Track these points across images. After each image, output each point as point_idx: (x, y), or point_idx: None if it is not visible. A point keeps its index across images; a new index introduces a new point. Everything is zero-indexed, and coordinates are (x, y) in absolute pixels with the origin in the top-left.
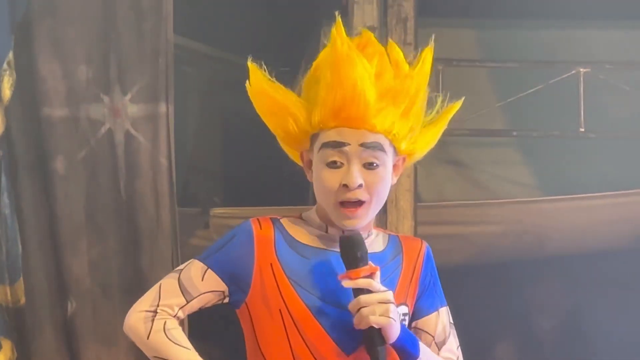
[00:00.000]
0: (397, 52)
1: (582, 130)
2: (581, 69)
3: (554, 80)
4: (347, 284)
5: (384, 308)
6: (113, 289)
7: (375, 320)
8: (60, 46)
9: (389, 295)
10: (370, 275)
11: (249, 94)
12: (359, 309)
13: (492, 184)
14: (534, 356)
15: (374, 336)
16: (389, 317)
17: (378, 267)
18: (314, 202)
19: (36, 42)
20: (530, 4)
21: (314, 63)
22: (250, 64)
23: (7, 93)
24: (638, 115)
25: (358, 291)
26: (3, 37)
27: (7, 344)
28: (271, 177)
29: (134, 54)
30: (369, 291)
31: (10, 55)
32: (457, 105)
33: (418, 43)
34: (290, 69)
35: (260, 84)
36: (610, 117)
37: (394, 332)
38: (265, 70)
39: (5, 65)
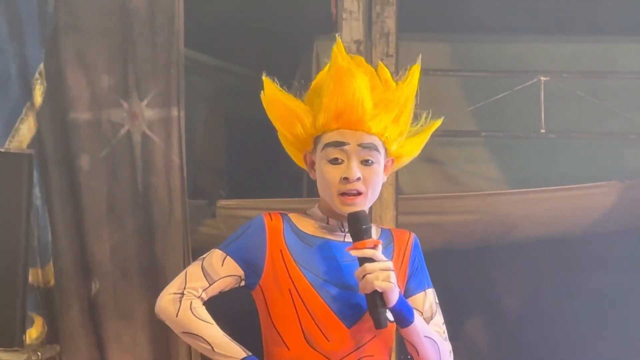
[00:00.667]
0: (385, 72)
1: (543, 131)
2: (542, 78)
3: (518, 88)
4: (355, 253)
5: (386, 274)
6: (131, 271)
7: (379, 285)
8: (84, 58)
9: (390, 264)
10: (374, 247)
11: (263, 102)
12: (364, 276)
13: (464, 179)
14: (501, 330)
15: (376, 300)
16: (390, 282)
17: (380, 241)
18: (308, 194)
19: (63, 54)
20: (497, 21)
21: (316, 77)
22: (264, 77)
23: (39, 99)
24: (591, 119)
25: (363, 260)
26: (35, 51)
27: (38, 320)
28: (270, 172)
29: (149, 64)
30: (373, 260)
31: (41, 66)
32: (438, 122)
33: (399, 55)
34: (287, 78)
35: (274, 94)
36: (567, 120)
37: (394, 296)
38: (277, 83)
39: (37, 75)
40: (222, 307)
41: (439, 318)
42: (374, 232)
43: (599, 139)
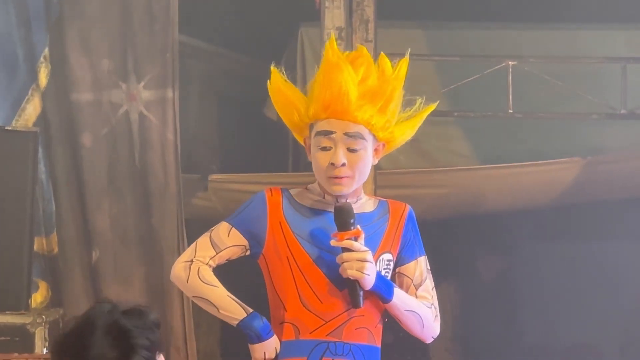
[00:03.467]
0: (386, 62)
1: (511, 111)
2: (510, 62)
3: (488, 71)
4: (333, 243)
5: (360, 265)
6: (129, 240)
7: (352, 274)
8: (86, 43)
9: (367, 254)
10: (356, 238)
11: (269, 90)
12: (342, 263)
13: (438, 155)
14: (473, 292)
15: (353, 283)
16: (363, 273)
17: (362, 232)
18: (293, 169)
19: (67, 40)
20: (469, 9)
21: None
22: (272, 67)
23: (44, 81)
24: (555, 100)
25: (344, 249)
26: (41, 36)
27: (43, 285)
28: (258, 149)
29: (146, 49)
30: (352, 250)
31: (46, 50)
32: (432, 107)
33: (377, 40)
34: (274, 62)
35: (277, 84)
36: (533, 101)
37: (367, 284)
38: (283, 73)
39: (42, 59)
40: (244, 278)
41: (429, 284)
42: (371, 203)
43: (562, 119)
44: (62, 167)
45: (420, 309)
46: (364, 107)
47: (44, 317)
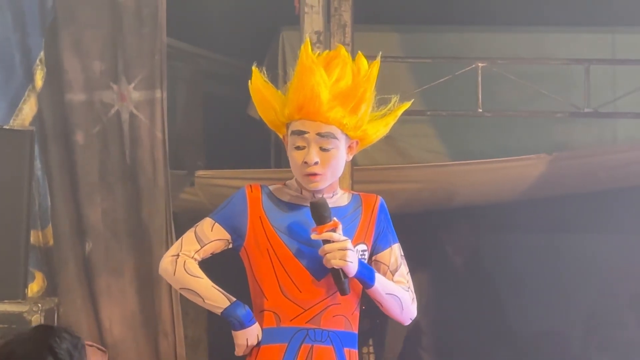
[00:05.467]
0: (363, 62)
1: (480, 110)
2: (479, 64)
3: (459, 72)
4: (314, 236)
5: (342, 254)
6: (120, 232)
7: (336, 263)
8: (79, 46)
9: (347, 243)
10: (334, 229)
11: (250, 90)
12: (325, 254)
13: (411, 152)
14: (446, 281)
15: (338, 272)
16: (346, 261)
17: (339, 223)
18: (276, 165)
19: (61, 43)
20: (441, 14)
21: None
22: (254, 68)
23: (40, 83)
24: (522, 99)
25: (325, 241)
26: (36, 40)
27: (39, 275)
28: (242, 146)
29: (136, 52)
30: (332, 241)
31: (42, 54)
32: (405, 106)
33: (354, 43)
34: (256, 63)
35: (257, 84)
36: (501, 100)
37: (351, 270)
38: (264, 74)
39: (37, 62)
40: (229, 270)
41: (403, 269)
42: (345, 197)
43: (529, 117)
44: (56, 163)
45: (400, 292)
46: (336, 109)
47: (39, 305)
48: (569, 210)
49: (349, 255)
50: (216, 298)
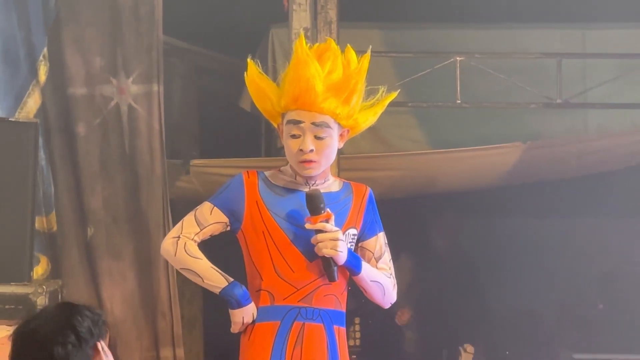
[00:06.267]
0: (352, 55)
1: (459, 101)
2: (458, 58)
3: (438, 66)
4: (308, 226)
5: (333, 244)
6: (120, 218)
7: (327, 252)
8: (80, 43)
9: (338, 234)
10: (327, 220)
11: (246, 81)
12: (317, 243)
13: (394, 141)
14: (428, 265)
15: (328, 260)
16: (337, 251)
17: (332, 214)
18: (266, 154)
19: (63, 40)
20: (421, 11)
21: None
22: (249, 60)
23: (43, 78)
24: (498, 91)
25: (317, 231)
26: (40, 37)
27: (44, 259)
28: (234, 136)
29: (134, 48)
30: (325, 231)
31: (45, 50)
32: (393, 95)
33: (340, 39)
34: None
35: (253, 75)
36: (478, 92)
37: (341, 259)
38: (258, 65)
39: (41, 57)
40: (224, 251)
41: (387, 257)
42: (337, 184)
43: (505, 108)
44: (59, 153)
45: (382, 279)
46: (330, 100)
47: (44, 287)
48: (543, 195)
49: (340, 245)
50: (215, 278)
